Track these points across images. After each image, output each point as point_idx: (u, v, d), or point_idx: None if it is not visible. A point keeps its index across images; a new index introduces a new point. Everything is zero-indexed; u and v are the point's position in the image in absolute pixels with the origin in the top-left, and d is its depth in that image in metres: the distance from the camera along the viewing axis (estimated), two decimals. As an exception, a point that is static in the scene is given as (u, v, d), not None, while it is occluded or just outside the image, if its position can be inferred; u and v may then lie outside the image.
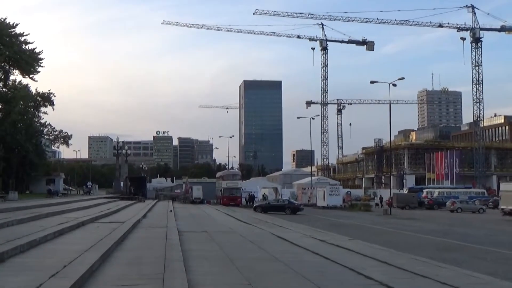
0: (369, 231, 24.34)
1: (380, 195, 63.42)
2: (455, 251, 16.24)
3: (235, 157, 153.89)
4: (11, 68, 48.33)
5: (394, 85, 45.07)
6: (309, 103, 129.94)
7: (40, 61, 48.79)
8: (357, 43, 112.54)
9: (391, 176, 79.25)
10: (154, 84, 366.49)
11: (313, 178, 70.21)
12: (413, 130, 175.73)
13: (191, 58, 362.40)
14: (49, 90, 55.89)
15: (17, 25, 46.99)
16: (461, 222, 32.60)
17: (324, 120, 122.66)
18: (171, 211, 31.50)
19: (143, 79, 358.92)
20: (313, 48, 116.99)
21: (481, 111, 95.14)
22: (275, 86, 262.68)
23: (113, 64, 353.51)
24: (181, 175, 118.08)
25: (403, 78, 44.45)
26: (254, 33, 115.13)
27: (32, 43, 48.26)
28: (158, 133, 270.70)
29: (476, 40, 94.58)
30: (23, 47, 47.58)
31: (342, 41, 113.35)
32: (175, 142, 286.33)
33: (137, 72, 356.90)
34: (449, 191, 63.04)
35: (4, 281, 7.43)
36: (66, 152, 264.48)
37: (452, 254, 15.05)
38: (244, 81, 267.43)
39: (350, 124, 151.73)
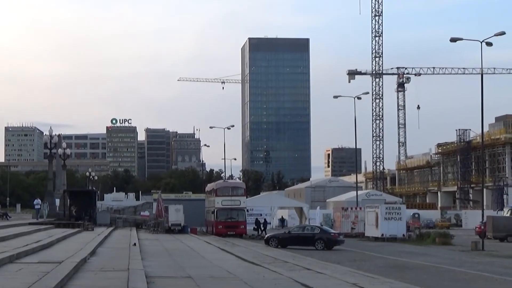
0: (450, 277, 24.41)
1: None
2: None
3: (235, 159, 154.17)
4: None
5: (489, 44, 44.77)
6: (352, 74, 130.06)
7: None
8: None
9: (484, 190, 78.75)
10: (108, 44, 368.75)
11: (359, 192, 70.10)
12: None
13: (165, 1, 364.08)
14: None
15: None
16: None
17: (377, 100, 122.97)
18: (135, 244, 31.84)
19: (90, 36, 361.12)
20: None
21: None
22: (299, 48, 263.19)
23: (42, 11, 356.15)
24: (151, 188, 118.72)
25: (503, 33, 44.15)
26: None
27: None
28: (114, 122, 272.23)
29: None
30: None
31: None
32: (141, 137, 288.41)
33: (81, 25, 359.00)
34: None
35: None
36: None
37: None
38: (250, 39, 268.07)
39: (419, 107, 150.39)
